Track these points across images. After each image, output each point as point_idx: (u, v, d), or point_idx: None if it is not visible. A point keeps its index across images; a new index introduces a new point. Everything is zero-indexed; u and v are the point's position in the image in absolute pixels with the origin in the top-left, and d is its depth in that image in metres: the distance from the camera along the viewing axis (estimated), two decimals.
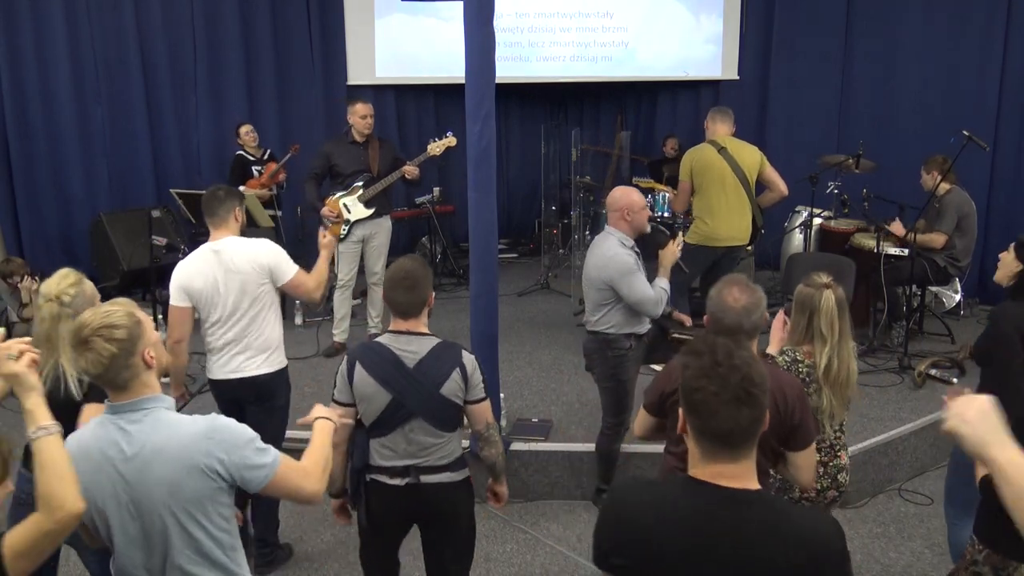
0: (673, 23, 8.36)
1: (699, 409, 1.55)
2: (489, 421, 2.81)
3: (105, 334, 1.90)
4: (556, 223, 8.40)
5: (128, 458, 1.93)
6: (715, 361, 1.55)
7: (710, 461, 1.57)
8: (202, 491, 1.94)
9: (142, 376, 1.98)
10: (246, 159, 6.87)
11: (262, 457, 2.00)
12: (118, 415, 1.97)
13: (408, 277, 2.71)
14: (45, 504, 1.70)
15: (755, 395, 1.53)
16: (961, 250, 5.63)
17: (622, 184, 7.86)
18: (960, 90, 7.30)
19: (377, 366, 2.68)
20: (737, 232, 5.19)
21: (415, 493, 2.72)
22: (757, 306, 2.56)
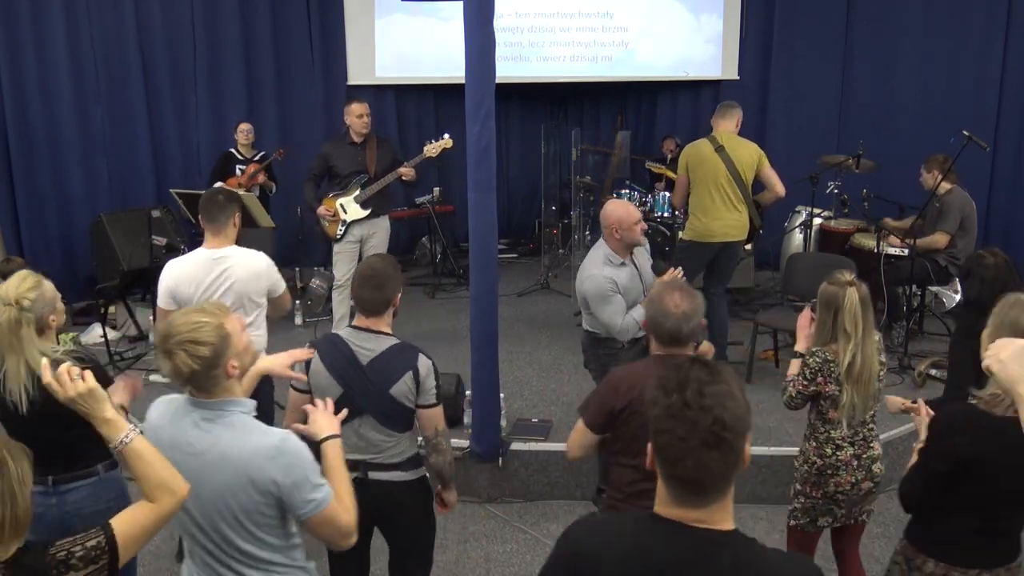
0: (673, 23, 8.36)
1: (665, 453, 1.42)
2: (439, 428, 2.80)
3: (189, 349, 1.94)
4: (556, 223, 8.40)
5: (194, 453, 1.99)
6: (684, 402, 1.40)
7: (678, 505, 1.44)
8: (256, 505, 1.98)
9: (226, 382, 2.03)
10: (233, 156, 6.88)
11: (315, 492, 2.01)
12: (197, 409, 2.03)
13: (376, 275, 2.74)
14: (165, 489, 1.80)
15: (727, 439, 1.38)
16: (962, 249, 5.63)
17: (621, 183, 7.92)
18: (960, 90, 7.31)
19: (333, 359, 2.72)
20: (731, 228, 5.17)
21: (363, 488, 2.72)
22: (696, 312, 2.59)
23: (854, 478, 2.98)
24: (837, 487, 2.99)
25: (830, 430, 2.99)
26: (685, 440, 1.39)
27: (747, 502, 4.19)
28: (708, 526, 1.43)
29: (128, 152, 7.48)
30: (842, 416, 2.93)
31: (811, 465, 3.03)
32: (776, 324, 5.49)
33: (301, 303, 6.60)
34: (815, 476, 3.02)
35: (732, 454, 1.40)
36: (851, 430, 2.97)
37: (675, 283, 2.72)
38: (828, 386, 2.93)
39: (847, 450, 2.98)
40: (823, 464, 3.00)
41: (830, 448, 2.99)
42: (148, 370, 5.55)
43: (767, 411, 4.85)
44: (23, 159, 7.05)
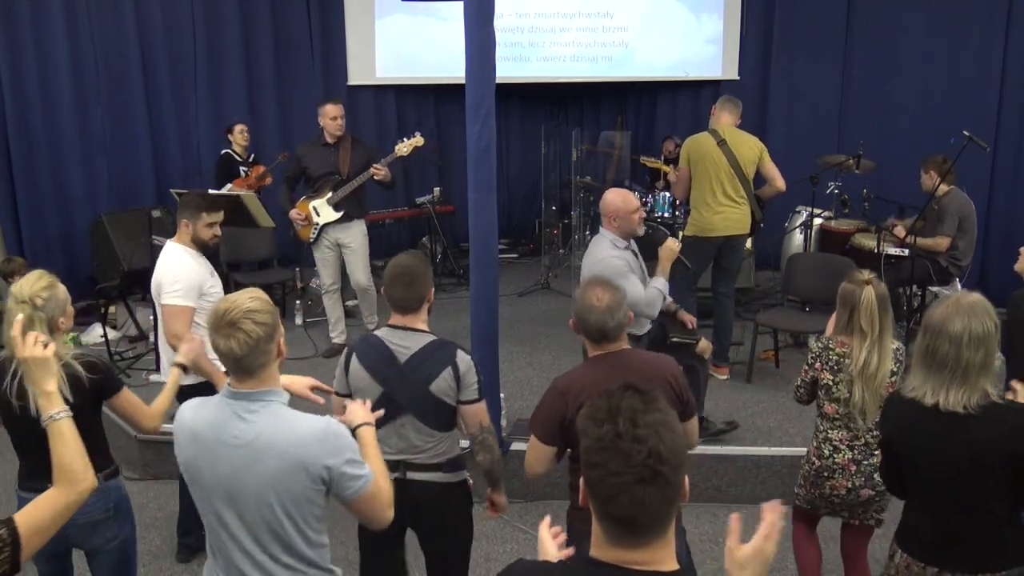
0: (673, 23, 8.36)
1: (597, 488, 1.30)
2: (484, 424, 2.75)
3: (254, 317, 1.98)
4: (556, 223, 8.40)
5: (241, 445, 1.99)
6: (616, 432, 1.28)
7: (615, 546, 1.32)
8: (304, 491, 2.00)
9: (272, 365, 2.06)
10: (233, 158, 6.87)
11: (360, 469, 2.05)
12: (238, 401, 2.04)
13: (407, 273, 2.71)
14: (68, 478, 1.81)
15: (663, 473, 1.26)
16: (963, 250, 5.63)
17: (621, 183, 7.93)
18: (960, 90, 7.30)
19: (370, 359, 2.71)
20: (733, 222, 5.16)
21: (402, 489, 2.70)
22: (619, 304, 2.57)
23: (851, 483, 2.95)
24: (832, 490, 2.97)
25: (828, 429, 2.99)
26: (619, 475, 1.27)
27: (747, 502, 4.19)
28: (649, 568, 1.32)
29: (128, 152, 7.48)
30: (855, 413, 2.92)
31: (811, 465, 3.04)
32: (776, 324, 5.49)
33: (301, 303, 6.60)
34: (813, 476, 3.03)
35: (670, 489, 1.28)
36: (851, 433, 2.96)
37: (596, 278, 2.69)
38: (824, 373, 2.93)
39: (845, 453, 2.95)
40: (820, 465, 2.99)
41: (827, 449, 2.98)
42: (148, 370, 5.55)
43: (767, 411, 4.85)
44: (23, 159, 7.05)
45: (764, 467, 4.32)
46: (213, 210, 3.64)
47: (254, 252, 6.89)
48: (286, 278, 6.94)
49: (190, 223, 3.59)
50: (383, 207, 8.00)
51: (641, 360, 2.63)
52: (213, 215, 3.63)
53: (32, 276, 2.69)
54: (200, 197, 3.82)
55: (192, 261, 3.58)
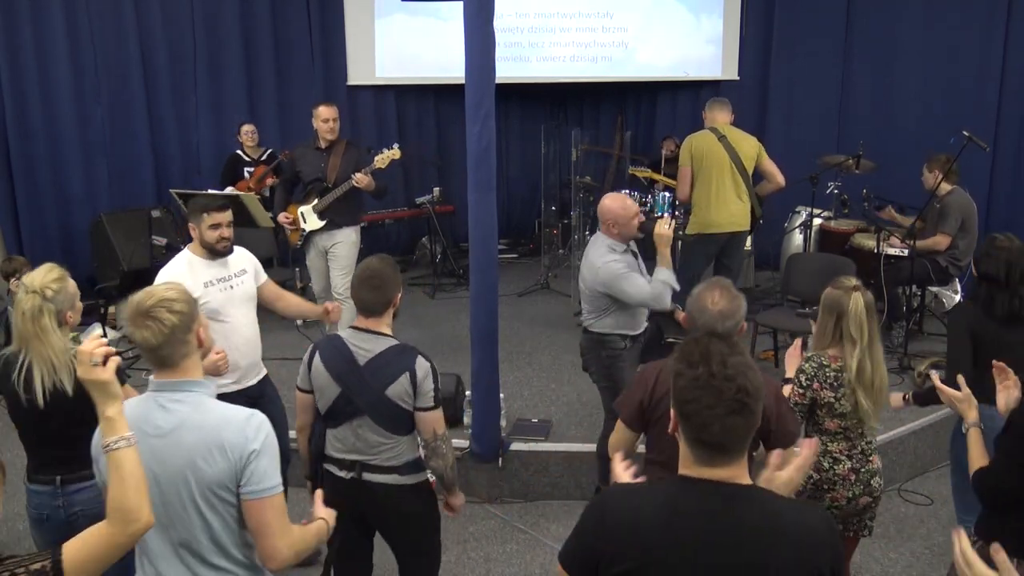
0: (673, 23, 8.36)
1: (692, 420, 1.55)
2: (437, 432, 2.76)
3: (167, 306, 1.96)
4: (556, 223, 8.40)
5: (162, 434, 1.96)
6: (710, 372, 1.53)
7: (703, 465, 1.58)
8: (220, 475, 1.93)
9: (193, 356, 2.03)
10: (240, 159, 6.87)
11: (275, 475, 1.98)
12: (160, 392, 2.01)
13: (375, 276, 2.74)
14: (121, 516, 1.67)
15: (749, 405, 1.53)
16: (963, 250, 5.63)
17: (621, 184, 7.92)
18: (960, 90, 7.31)
19: (332, 359, 2.74)
20: (736, 217, 5.16)
21: (358, 489, 2.76)
22: (734, 313, 2.55)
23: (851, 493, 2.91)
24: (833, 502, 2.92)
25: (827, 442, 2.92)
26: (712, 408, 1.52)
27: None
28: (731, 481, 1.58)
29: (128, 152, 7.48)
30: (863, 419, 2.87)
31: (807, 480, 2.92)
32: (776, 324, 5.49)
33: None
34: (811, 491, 2.93)
35: (752, 417, 1.55)
36: (850, 443, 2.91)
37: (720, 281, 2.65)
38: (824, 391, 2.85)
39: (845, 463, 2.91)
40: (820, 479, 2.92)
41: (827, 461, 2.91)
42: (147, 370, 5.54)
43: None
44: (23, 159, 7.05)
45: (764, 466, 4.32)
46: (215, 210, 3.47)
47: (254, 252, 6.77)
48: (286, 278, 6.94)
49: (196, 226, 3.49)
50: (383, 207, 8.00)
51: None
52: (215, 215, 3.45)
53: (44, 268, 2.70)
54: (203, 198, 3.67)
55: (181, 268, 3.42)
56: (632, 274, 3.78)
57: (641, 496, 1.68)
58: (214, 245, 3.47)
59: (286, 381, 5.21)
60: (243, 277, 3.59)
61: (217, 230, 3.45)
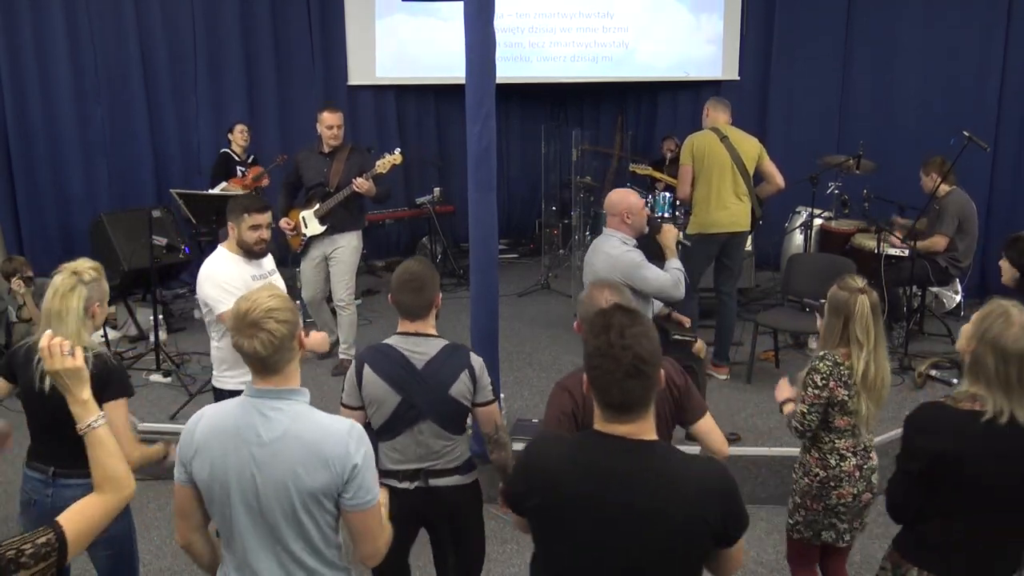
0: (673, 23, 8.36)
1: (596, 383, 1.78)
2: (498, 423, 2.81)
3: (276, 316, 1.97)
4: (556, 223, 8.40)
5: (265, 443, 1.97)
6: (609, 342, 1.74)
7: (610, 422, 1.79)
8: (323, 487, 1.97)
9: (294, 362, 2.04)
10: (231, 157, 6.85)
11: (375, 485, 2.03)
12: (261, 399, 2.01)
13: (415, 279, 2.71)
14: (114, 484, 1.85)
15: (644, 370, 1.73)
16: (963, 251, 5.63)
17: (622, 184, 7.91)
18: (960, 90, 7.31)
19: (386, 368, 2.68)
20: (738, 217, 5.16)
21: (425, 496, 2.73)
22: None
23: (855, 489, 2.91)
24: (839, 499, 2.92)
25: (835, 439, 2.91)
26: (612, 373, 1.73)
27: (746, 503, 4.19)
28: (635, 437, 1.78)
29: (128, 152, 7.49)
30: (859, 423, 2.88)
31: (813, 477, 2.94)
32: (776, 325, 5.49)
33: (301, 303, 6.59)
34: (817, 488, 2.94)
35: (648, 381, 1.76)
36: (856, 440, 2.91)
37: (602, 281, 2.76)
38: (839, 389, 2.84)
39: (851, 460, 2.91)
40: (826, 476, 2.92)
41: (834, 459, 2.91)
42: (148, 370, 5.55)
43: (766, 412, 4.84)
44: (23, 159, 7.06)
45: (764, 467, 4.32)
46: (256, 211, 3.46)
47: None
48: (285, 278, 6.90)
49: (235, 226, 3.48)
50: (383, 207, 8.00)
51: None
52: (256, 216, 3.45)
53: (82, 260, 2.77)
54: (245, 199, 3.64)
55: (231, 264, 3.48)
56: (650, 264, 3.85)
57: (559, 445, 1.91)
58: (252, 246, 3.48)
59: None
60: (274, 277, 3.63)
61: (257, 231, 3.46)
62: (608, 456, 1.77)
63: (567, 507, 1.79)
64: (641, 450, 1.78)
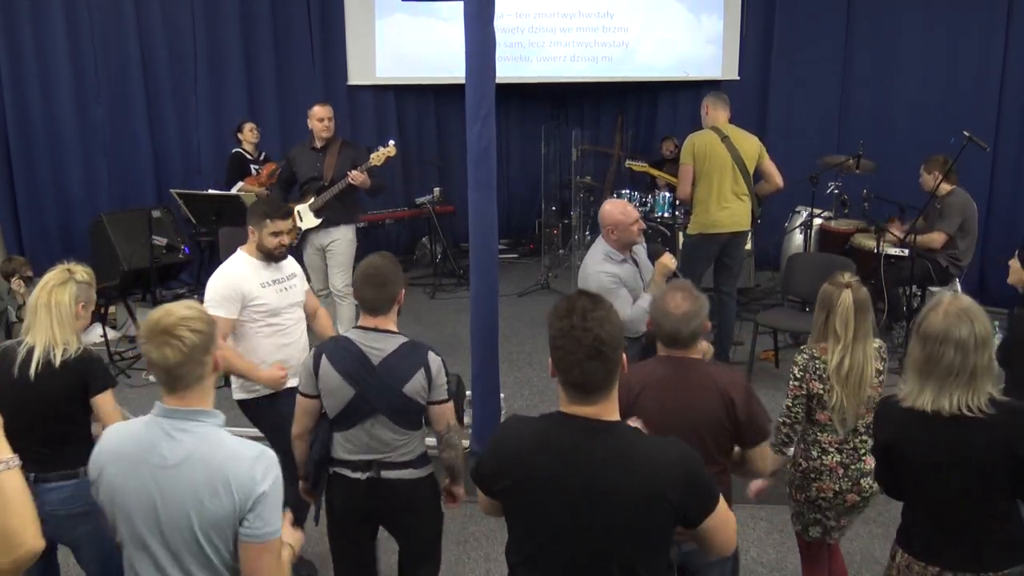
0: (673, 23, 8.36)
1: (559, 364, 1.82)
2: (450, 423, 2.81)
3: (189, 324, 1.91)
4: (556, 223, 8.40)
5: (168, 466, 1.89)
6: (571, 324, 1.79)
7: (573, 403, 1.84)
8: (223, 514, 1.88)
9: (207, 380, 1.97)
10: (244, 156, 6.86)
11: (277, 519, 1.92)
12: (169, 419, 1.93)
13: (378, 274, 2.73)
14: (4, 541, 1.59)
15: (605, 352, 1.78)
16: (963, 250, 5.63)
17: (622, 184, 7.91)
18: (960, 90, 7.31)
19: (343, 361, 2.70)
20: (738, 217, 5.16)
21: (376, 488, 2.75)
22: (697, 314, 2.56)
23: (838, 487, 2.92)
24: (819, 492, 2.94)
25: (817, 432, 2.95)
26: (573, 353, 1.78)
27: (746, 502, 4.18)
28: (599, 418, 1.83)
29: (128, 152, 7.49)
30: (833, 417, 2.91)
31: (796, 468, 3.01)
32: (776, 324, 5.49)
33: None
34: (799, 479, 2.99)
35: (610, 362, 1.80)
36: (840, 436, 2.92)
37: (679, 283, 2.68)
38: (815, 383, 2.90)
39: (833, 456, 2.93)
40: (807, 467, 2.96)
41: (816, 451, 2.95)
42: (147, 370, 5.55)
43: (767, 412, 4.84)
44: (23, 159, 7.06)
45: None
46: (278, 217, 3.43)
47: None
48: None
49: (256, 230, 3.43)
50: (383, 207, 8.01)
51: (704, 372, 2.58)
52: (279, 223, 3.41)
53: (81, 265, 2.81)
54: (266, 204, 3.61)
55: (241, 269, 3.42)
56: (620, 290, 3.78)
57: (526, 426, 1.94)
58: (272, 251, 3.44)
59: None
60: (294, 280, 3.58)
61: (278, 237, 3.42)
62: (571, 436, 1.82)
63: (534, 488, 1.84)
64: (602, 430, 1.82)
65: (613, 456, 1.80)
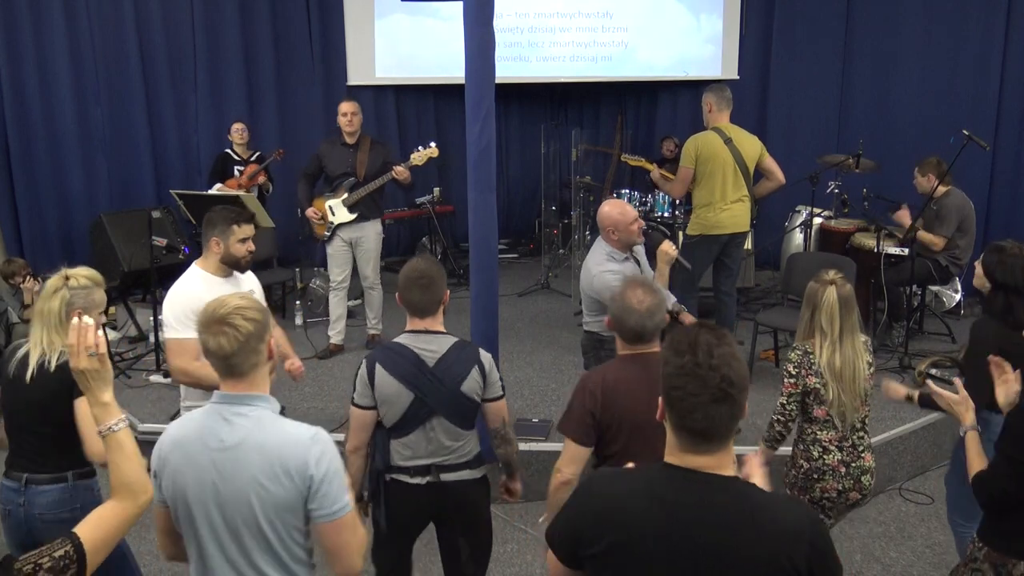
0: (673, 23, 8.36)
1: (677, 407, 1.59)
2: (505, 419, 2.86)
3: (244, 313, 1.95)
4: (556, 223, 8.40)
5: (225, 448, 1.93)
6: (695, 361, 1.57)
7: (687, 452, 1.61)
8: (287, 497, 1.92)
9: (262, 368, 2.01)
10: (230, 157, 6.84)
11: (344, 494, 1.96)
12: (226, 404, 1.98)
13: (423, 276, 2.74)
14: (130, 491, 1.78)
15: (732, 395, 1.56)
16: (963, 249, 5.63)
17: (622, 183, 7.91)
18: (960, 90, 7.31)
19: (398, 366, 2.70)
20: (739, 218, 5.17)
21: (437, 491, 2.76)
22: (659, 308, 2.59)
23: (841, 485, 2.93)
24: (823, 493, 2.94)
25: (817, 431, 2.96)
26: (696, 395, 1.55)
27: None
28: (714, 471, 1.59)
29: (128, 152, 7.49)
30: (832, 412, 2.91)
31: (798, 469, 3.00)
32: (776, 324, 5.49)
33: (301, 303, 6.60)
34: (802, 480, 2.98)
35: (736, 407, 1.58)
36: (839, 433, 2.94)
37: (637, 278, 2.72)
38: (811, 378, 2.91)
39: (835, 454, 2.93)
40: (809, 468, 2.96)
41: (817, 451, 2.95)
42: (148, 371, 5.55)
43: (766, 411, 4.82)
44: (23, 159, 7.06)
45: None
46: (244, 222, 3.26)
47: (254, 253, 6.86)
48: (286, 278, 6.94)
49: (221, 240, 3.24)
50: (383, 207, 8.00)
51: None
52: (245, 228, 3.25)
53: (84, 268, 2.84)
54: (228, 211, 3.33)
55: (195, 288, 3.18)
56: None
57: (625, 481, 1.70)
58: (240, 260, 3.29)
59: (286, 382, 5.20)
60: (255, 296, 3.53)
61: (245, 244, 3.27)
62: (686, 492, 1.59)
63: (641, 549, 1.60)
64: (721, 485, 1.60)
65: (736, 517, 1.57)
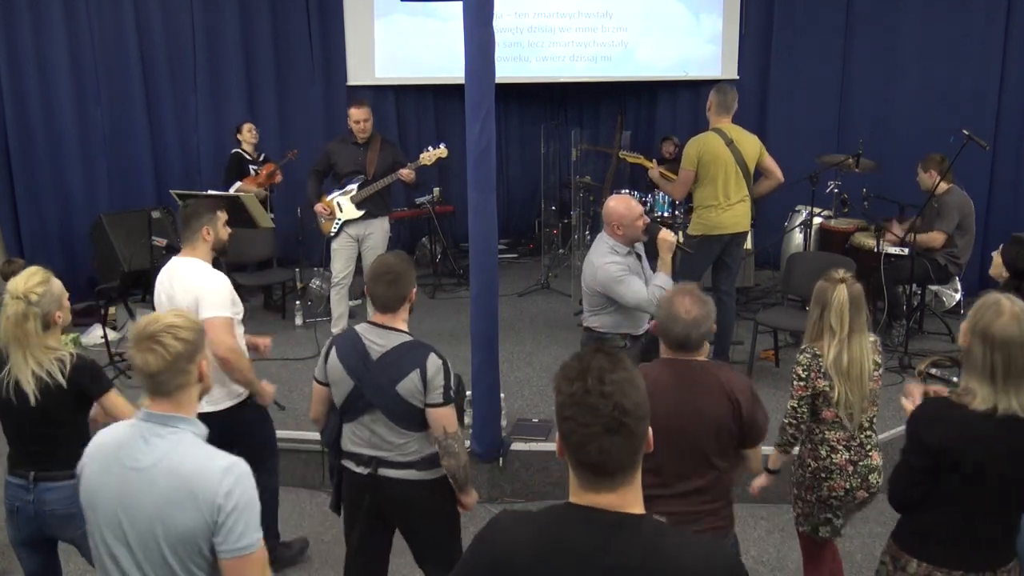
0: (673, 23, 8.36)
1: (569, 439, 1.44)
2: (448, 429, 2.72)
3: (175, 332, 1.91)
4: (556, 223, 8.40)
5: (139, 468, 1.88)
6: (585, 388, 1.43)
7: (587, 490, 1.46)
8: (191, 528, 1.83)
9: (189, 389, 1.96)
10: (243, 157, 6.87)
11: (254, 532, 1.87)
12: (147, 423, 1.93)
13: (390, 272, 2.77)
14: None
15: (627, 424, 1.41)
16: (962, 247, 5.64)
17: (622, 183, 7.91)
18: (960, 89, 7.31)
19: (347, 353, 2.76)
20: (740, 218, 5.18)
21: (375, 484, 2.78)
22: (707, 318, 2.56)
23: (848, 484, 2.93)
24: (830, 492, 2.95)
25: (825, 431, 2.96)
26: (588, 426, 1.41)
27: (747, 502, 4.19)
28: (619, 510, 1.44)
29: (128, 152, 7.48)
30: (841, 412, 2.91)
31: (805, 468, 3.00)
32: (776, 324, 5.49)
33: (301, 303, 6.60)
34: (809, 479, 2.99)
35: (633, 438, 1.42)
36: (847, 433, 2.94)
37: (687, 287, 2.66)
38: (820, 381, 2.91)
39: (842, 454, 2.94)
40: (817, 467, 2.96)
41: (824, 450, 2.95)
42: None
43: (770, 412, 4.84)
44: (23, 160, 7.05)
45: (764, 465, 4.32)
46: (223, 208, 3.54)
47: (254, 253, 6.89)
48: (286, 278, 6.94)
49: (211, 228, 3.39)
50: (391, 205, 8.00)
51: (710, 375, 2.55)
52: (223, 213, 3.51)
53: (27, 272, 2.75)
54: (206, 200, 3.61)
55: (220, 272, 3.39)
56: (630, 277, 3.79)
57: (523, 525, 1.52)
58: (226, 244, 3.52)
59: (287, 381, 5.23)
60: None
61: (227, 228, 3.52)
62: (590, 536, 1.43)
63: None
64: (630, 527, 1.43)
65: (648, 562, 1.41)
